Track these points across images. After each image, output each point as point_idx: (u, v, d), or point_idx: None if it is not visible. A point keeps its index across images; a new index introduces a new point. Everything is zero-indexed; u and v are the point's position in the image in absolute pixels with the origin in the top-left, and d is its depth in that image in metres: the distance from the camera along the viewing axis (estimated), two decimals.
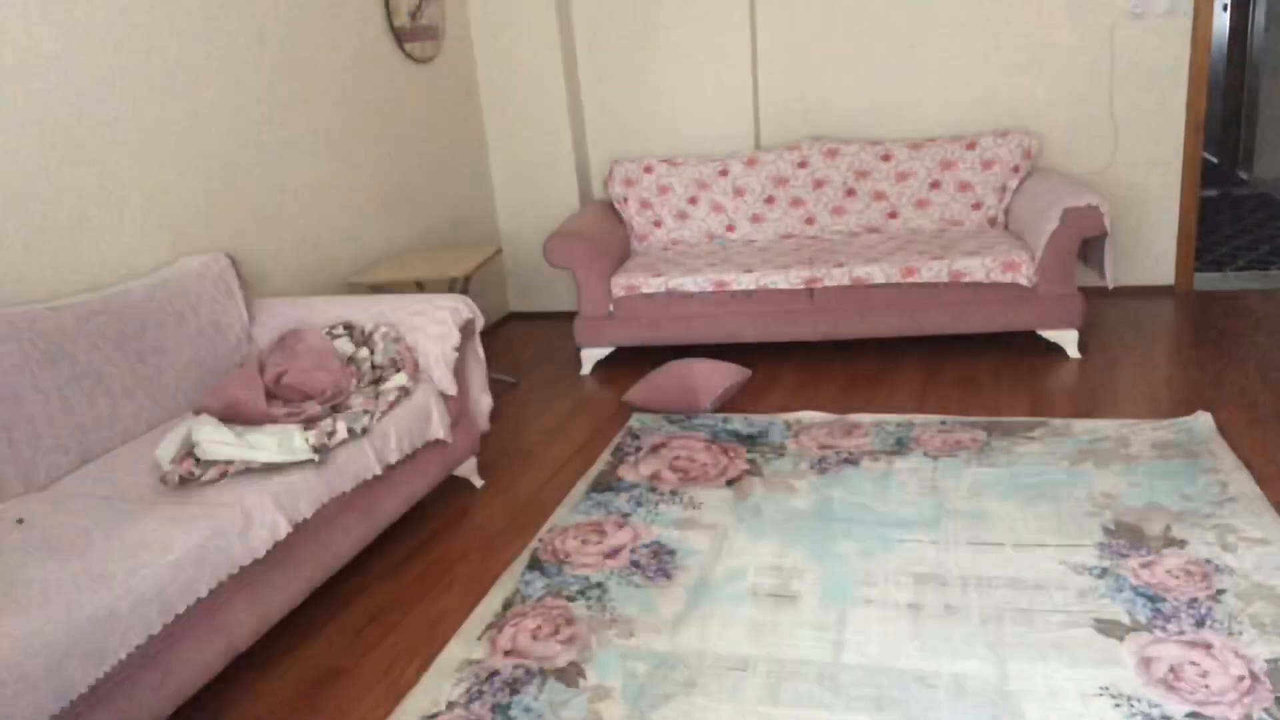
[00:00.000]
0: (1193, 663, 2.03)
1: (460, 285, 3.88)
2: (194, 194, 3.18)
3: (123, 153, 2.91)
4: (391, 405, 2.78)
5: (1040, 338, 4.00)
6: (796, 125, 4.85)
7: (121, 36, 2.91)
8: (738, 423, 3.55)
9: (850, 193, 4.55)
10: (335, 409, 2.66)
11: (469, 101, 4.97)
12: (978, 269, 3.87)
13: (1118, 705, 1.93)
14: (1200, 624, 2.16)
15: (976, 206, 4.42)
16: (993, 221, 4.42)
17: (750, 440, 3.39)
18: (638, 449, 3.41)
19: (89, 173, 2.80)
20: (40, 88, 2.65)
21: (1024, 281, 3.85)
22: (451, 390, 3.01)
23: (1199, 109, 4.43)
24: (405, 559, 2.86)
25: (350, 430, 2.57)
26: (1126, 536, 2.54)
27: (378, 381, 2.88)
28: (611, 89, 5.03)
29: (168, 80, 3.08)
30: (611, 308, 4.24)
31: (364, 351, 2.94)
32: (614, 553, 2.73)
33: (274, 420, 2.50)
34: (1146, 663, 2.05)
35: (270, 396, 2.61)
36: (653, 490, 3.09)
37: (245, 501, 2.23)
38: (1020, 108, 4.59)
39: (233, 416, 2.47)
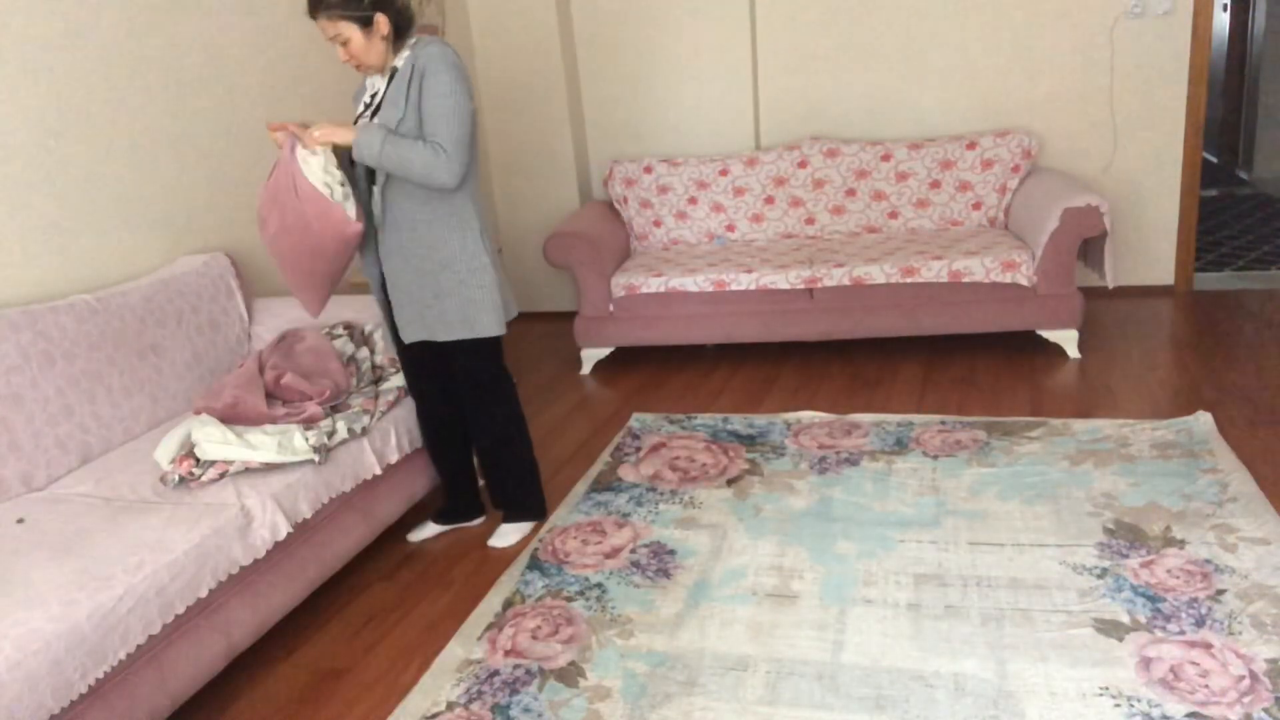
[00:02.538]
0: (1193, 663, 2.03)
1: None
2: (194, 194, 3.18)
3: (122, 153, 2.91)
4: (391, 405, 2.79)
5: (1040, 338, 4.00)
6: (796, 125, 4.85)
7: (120, 37, 2.91)
8: (738, 423, 3.55)
9: (850, 193, 4.55)
10: (335, 409, 2.66)
11: None
12: (978, 269, 3.86)
13: (1118, 705, 1.93)
14: (1200, 624, 2.16)
15: (976, 206, 4.42)
16: (993, 221, 4.42)
17: (750, 440, 3.39)
18: (638, 449, 3.41)
19: (89, 173, 2.80)
20: (40, 88, 2.65)
21: (1024, 281, 3.85)
22: None
23: (1199, 109, 4.43)
24: (405, 559, 2.86)
25: (350, 430, 2.57)
26: (1126, 536, 2.54)
27: (378, 381, 2.88)
28: (611, 89, 5.03)
29: (167, 80, 3.08)
30: (611, 308, 4.24)
31: (364, 351, 2.95)
32: (614, 553, 2.73)
33: (274, 420, 2.50)
34: (1146, 663, 2.05)
35: (270, 396, 2.61)
36: (653, 490, 3.09)
37: (245, 501, 2.23)
38: (1020, 108, 4.59)
39: (233, 416, 2.47)
